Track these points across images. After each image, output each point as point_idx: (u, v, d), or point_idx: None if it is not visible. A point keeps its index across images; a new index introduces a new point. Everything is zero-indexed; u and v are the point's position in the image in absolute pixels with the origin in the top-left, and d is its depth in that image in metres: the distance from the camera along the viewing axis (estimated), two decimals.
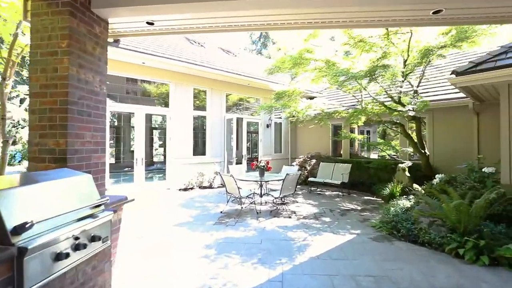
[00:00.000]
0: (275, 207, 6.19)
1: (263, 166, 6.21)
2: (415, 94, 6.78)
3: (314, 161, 9.56)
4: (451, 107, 7.61)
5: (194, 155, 9.09)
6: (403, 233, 4.24)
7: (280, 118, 12.21)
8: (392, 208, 5.21)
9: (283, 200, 6.26)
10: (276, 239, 4.27)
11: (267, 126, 11.45)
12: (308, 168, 9.41)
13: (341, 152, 10.68)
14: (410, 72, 5.90)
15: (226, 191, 5.91)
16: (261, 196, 6.32)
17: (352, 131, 10.98)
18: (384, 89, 6.36)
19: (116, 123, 12.32)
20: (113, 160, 11.03)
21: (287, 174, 5.44)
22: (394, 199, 6.18)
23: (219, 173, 7.20)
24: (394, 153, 8.57)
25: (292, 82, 9.11)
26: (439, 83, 8.61)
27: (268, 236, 4.41)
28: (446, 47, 5.71)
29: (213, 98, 9.65)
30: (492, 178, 5.01)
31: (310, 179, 8.26)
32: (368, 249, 3.89)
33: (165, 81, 8.56)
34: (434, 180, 5.64)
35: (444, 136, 7.91)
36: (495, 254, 3.29)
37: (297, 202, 6.97)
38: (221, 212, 5.88)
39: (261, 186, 6.30)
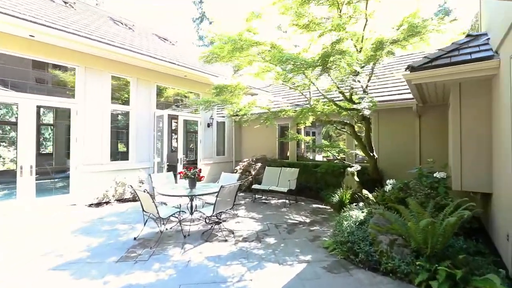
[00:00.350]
0: (209, 226, 4.94)
1: (194, 175, 4.89)
2: (365, 93, 6.31)
3: (259, 164, 8.60)
4: (395, 108, 7.43)
5: (112, 160, 7.24)
6: (362, 258, 3.44)
7: (223, 117, 10.99)
8: (345, 223, 4.46)
9: (218, 217, 5.05)
10: (201, 283, 3.03)
11: (208, 125, 10.11)
12: (253, 172, 8.40)
13: (288, 155, 9.99)
14: (366, 65, 5.29)
15: (143, 209, 4.44)
16: (191, 213, 5.00)
17: (298, 132, 10.42)
18: (336, 84, 5.67)
19: None
20: None
21: (221, 187, 4.24)
22: (345, 208, 5.56)
23: (131, 186, 5.60)
24: (343, 155, 8.13)
25: (235, 75, 7.98)
26: (385, 83, 8.49)
27: (192, 278, 3.14)
28: (398, 42, 5.26)
29: (140, 90, 7.91)
30: (443, 184, 4.65)
31: (255, 186, 7.23)
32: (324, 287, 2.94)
33: (69, 64, 6.55)
34: (386, 187, 5.13)
35: (389, 138, 7.73)
36: (471, 287, 2.64)
37: (237, 216, 5.84)
38: (134, 238, 4.38)
39: (191, 200, 4.98)
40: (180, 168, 8.86)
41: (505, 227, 3.24)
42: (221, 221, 5.15)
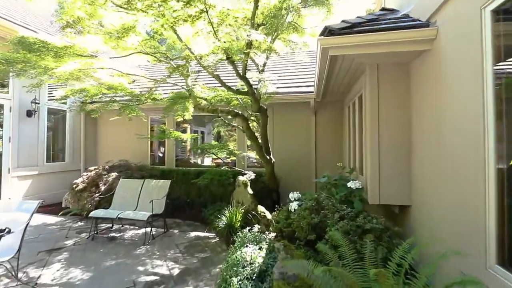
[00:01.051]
0: None
1: None
2: (261, 81, 4.75)
3: (114, 174, 5.72)
4: (292, 103, 6.35)
5: None
6: None
7: (65, 103, 7.31)
8: (234, 280, 2.56)
9: None
10: None
11: (29, 114, 6.28)
12: (103, 187, 5.45)
13: (165, 159, 7.49)
14: (266, 37, 3.59)
15: None
16: None
17: (184, 131, 8.14)
18: (223, 48, 3.68)
19: None
20: None
21: None
22: (235, 235, 3.75)
23: None
24: (234, 157, 6.41)
25: (70, 32, 4.82)
26: (281, 76, 7.37)
27: None
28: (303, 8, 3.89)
29: None
30: (358, 196, 3.53)
31: (94, 213, 4.38)
32: None
33: None
34: (290, 204, 3.61)
35: (284, 138, 6.57)
36: None
37: (37, 282, 2.99)
38: None
39: None
40: None
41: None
42: None
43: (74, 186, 5.79)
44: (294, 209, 3.49)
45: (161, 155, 8.24)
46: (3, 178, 5.82)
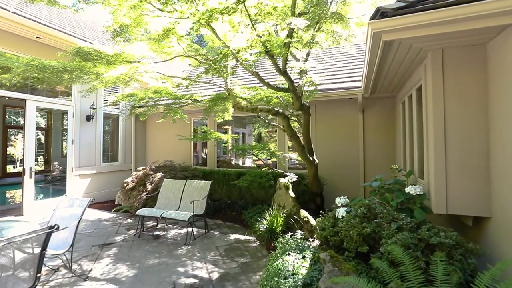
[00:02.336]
0: None
1: None
2: (303, 74, 4.47)
3: (160, 174, 5.95)
4: (336, 100, 5.90)
5: None
6: None
7: (118, 108, 7.92)
8: None
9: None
10: None
11: (88, 118, 6.91)
12: (149, 186, 5.71)
13: (207, 161, 7.61)
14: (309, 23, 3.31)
15: None
16: None
17: (226, 132, 8.19)
18: (261, 40, 3.47)
19: None
20: None
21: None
22: (276, 241, 3.53)
23: None
24: (274, 159, 6.21)
25: (119, 41, 5.16)
26: (323, 71, 6.97)
27: None
28: None
29: None
30: (419, 204, 3.03)
31: (142, 211, 4.56)
32: None
33: None
34: (338, 210, 3.26)
35: (328, 138, 6.16)
36: None
37: (86, 278, 3.15)
38: None
39: None
40: (28, 183, 5.52)
41: None
42: None
43: (125, 185, 6.18)
44: (342, 216, 3.13)
45: (204, 156, 8.41)
46: (68, 176, 6.49)
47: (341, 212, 3.17)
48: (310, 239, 3.67)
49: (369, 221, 2.82)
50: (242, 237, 4.51)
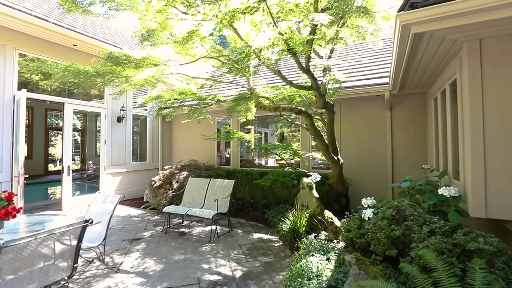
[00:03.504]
0: None
1: None
2: (327, 71, 4.37)
3: (185, 173, 6.13)
4: (361, 98, 5.71)
5: None
6: None
7: (146, 109, 8.27)
8: None
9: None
10: None
11: (119, 119, 7.30)
12: (175, 185, 5.90)
13: (230, 160, 7.71)
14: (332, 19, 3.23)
15: None
16: None
17: (249, 132, 8.27)
18: (283, 38, 3.43)
19: None
20: None
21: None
22: (299, 241, 3.50)
23: None
24: (298, 158, 6.14)
25: (146, 45, 5.40)
26: (347, 67, 6.77)
27: None
28: None
29: None
30: (454, 206, 2.83)
31: (168, 208, 4.73)
32: None
33: None
34: (364, 212, 3.14)
35: (354, 137, 5.96)
36: None
37: (117, 270, 3.33)
38: None
39: None
40: (67, 180, 5.95)
41: None
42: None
43: (152, 183, 6.44)
44: (369, 217, 3.01)
45: (227, 155, 8.53)
46: (101, 174, 6.90)
47: (367, 213, 3.05)
48: (335, 241, 3.58)
49: (398, 223, 2.68)
50: (265, 236, 4.51)
